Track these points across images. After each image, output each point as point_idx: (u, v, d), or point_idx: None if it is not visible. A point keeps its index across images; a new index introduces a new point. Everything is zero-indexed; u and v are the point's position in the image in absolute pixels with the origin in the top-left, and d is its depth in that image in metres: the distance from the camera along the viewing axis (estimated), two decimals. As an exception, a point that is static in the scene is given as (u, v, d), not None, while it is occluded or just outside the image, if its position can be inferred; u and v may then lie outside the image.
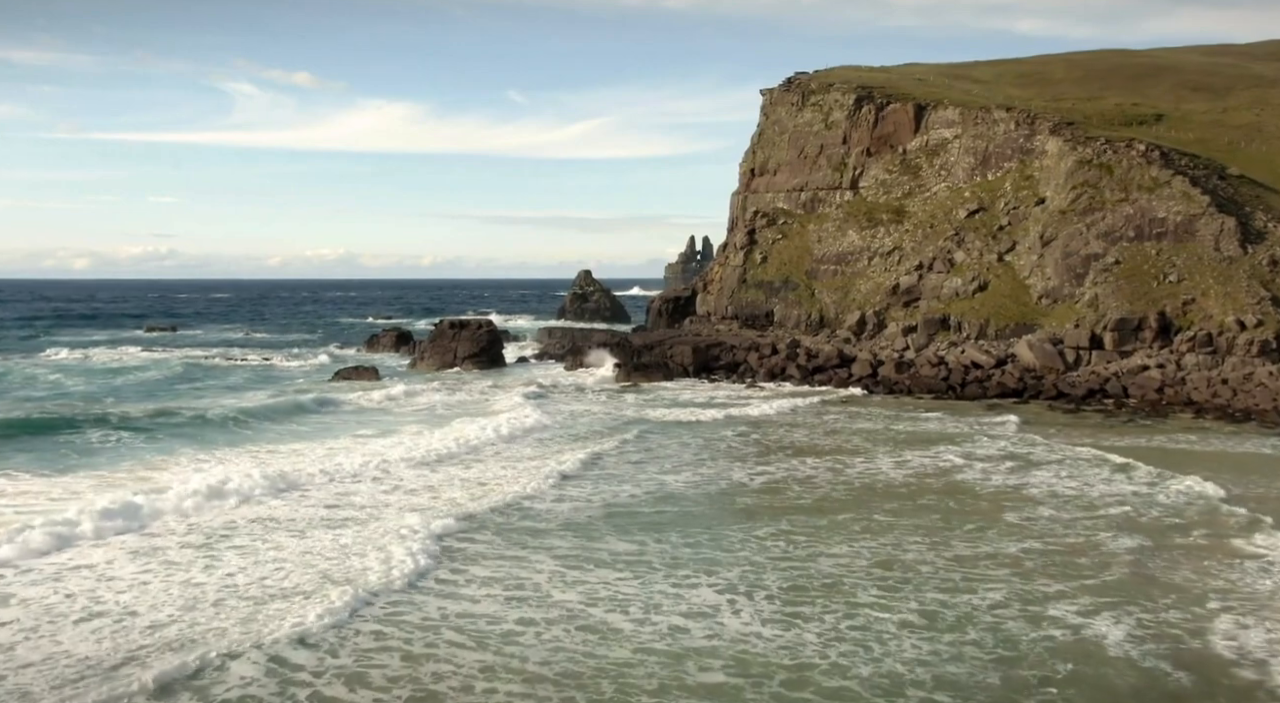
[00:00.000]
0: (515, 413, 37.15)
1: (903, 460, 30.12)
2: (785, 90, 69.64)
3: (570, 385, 48.75)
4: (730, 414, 39.24)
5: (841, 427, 37.01)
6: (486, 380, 50.61)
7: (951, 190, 58.72)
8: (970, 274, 52.50)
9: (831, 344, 53.84)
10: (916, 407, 42.16)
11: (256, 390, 44.47)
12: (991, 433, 35.18)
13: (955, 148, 60.23)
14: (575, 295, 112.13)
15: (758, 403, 42.40)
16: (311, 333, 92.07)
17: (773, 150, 69.09)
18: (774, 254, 64.82)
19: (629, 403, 42.32)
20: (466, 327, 60.23)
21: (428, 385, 47.22)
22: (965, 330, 50.64)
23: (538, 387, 47.24)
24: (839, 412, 40.45)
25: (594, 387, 47.94)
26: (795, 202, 66.71)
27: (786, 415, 39.24)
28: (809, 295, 61.42)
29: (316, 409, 37.85)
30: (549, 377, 52.96)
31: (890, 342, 52.51)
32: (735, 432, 35.44)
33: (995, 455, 31.01)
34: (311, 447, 30.61)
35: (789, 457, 31.00)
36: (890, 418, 39.19)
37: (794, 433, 35.56)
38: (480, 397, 43.72)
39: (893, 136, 63.47)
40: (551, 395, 44.80)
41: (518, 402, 40.55)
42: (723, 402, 43.19)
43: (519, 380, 50.61)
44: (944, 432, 35.66)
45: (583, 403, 42.04)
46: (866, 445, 32.79)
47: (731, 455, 31.18)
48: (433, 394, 44.28)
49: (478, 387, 47.29)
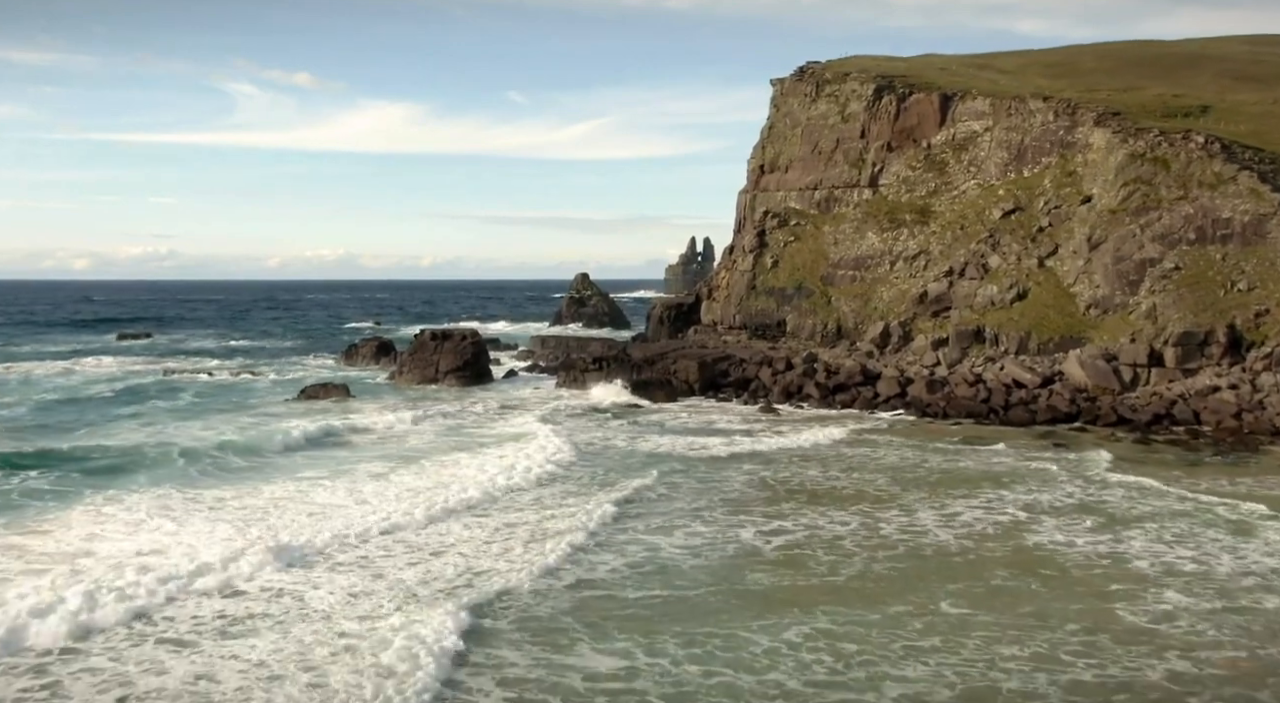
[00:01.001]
0: (478, 463, 31.80)
1: (950, 513, 24.74)
2: (798, 80, 64.28)
3: (558, 407, 43.36)
4: (738, 446, 33.86)
5: (865, 460, 31.66)
6: (467, 400, 45.20)
7: (983, 188, 53.32)
8: (1007, 281, 47.10)
9: (853, 359, 48.42)
10: (954, 435, 36.73)
11: (204, 416, 38.94)
12: (1051, 472, 29.76)
13: (986, 141, 54.82)
14: (572, 299, 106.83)
15: (773, 433, 37.01)
16: (293, 340, 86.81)
17: (784, 145, 63.71)
18: (786, 258, 59.45)
19: (620, 431, 36.86)
20: (449, 338, 54.88)
21: (397, 407, 41.81)
22: (1003, 344, 45.23)
23: (512, 409, 41.86)
24: (864, 439, 35.03)
25: (585, 410, 42.52)
26: (809, 201, 61.33)
27: (806, 449, 33.84)
28: (825, 303, 56.04)
29: (267, 445, 31.92)
30: (537, 396, 47.59)
31: (918, 356, 47.10)
32: (742, 470, 30.05)
33: (1066, 506, 25.59)
34: (245, 497, 25.24)
35: (806, 505, 25.66)
36: (923, 448, 33.82)
37: (808, 469, 30.22)
38: (449, 428, 38.16)
39: (916, 130, 58.08)
40: (525, 418, 39.40)
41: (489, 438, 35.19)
42: (732, 428, 37.79)
43: (501, 400, 45.21)
44: (991, 470, 30.26)
45: (565, 434, 36.44)
46: (900, 490, 27.38)
47: (738, 504, 25.77)
48: (402, 413, 38.86)
49: (453, 409, 41.79)
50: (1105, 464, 30.64)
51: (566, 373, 51.08)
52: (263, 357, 70.76)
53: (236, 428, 35.45)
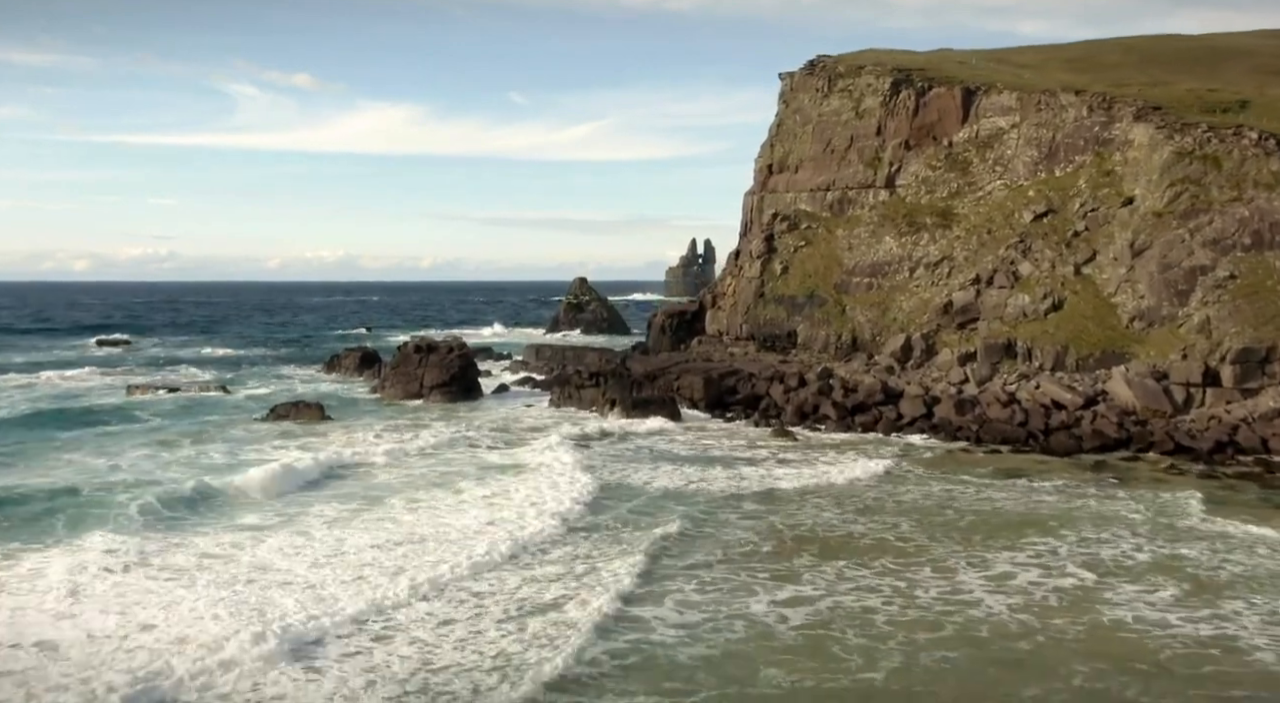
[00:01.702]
0: (442, 527, 27.88)
1: (998, 574, 20.95)
2: (808, 74, 60.33)
3: (546, 430, 39.46)
4: (746, 481, 29.97)
5: (885, 498, 27.84)
6: (451, 421, 41.32)
7: (1011, 189, 49.38)
8: (1041, 290, 43.17)
9: (872, 375, 44.51)
10: (988, 465, 32.84)
11: (156, 445, 34.75)
12: (1109, 514, 25.89)
13: (1013, 139, 50.90)
14: (570, 304, 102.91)
15: (785, 464, 33.14)
16: (277, 348, 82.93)
17: (794, 143, 59.80)
18: (796, 264, 55.54)
19: (613, 461, 32.92)
20: (435, 350, 51.01)
21: (369, 434, 37.91)
22: (1037, 359, 41.32)
23: (499, 434, 37.97)
24: (890, 471, 31.11)
25: (577, 434, 38.62)
26: (821, 202, 57.44)
27: (822, 484, 29.94)
28: (839, 313, 52.11)
29: (212, 489, 27.51)
30: (527, 416, 43.69)
31: (944, 372, 43.18)
32: (749, 512, 26.17)
33: (1139, 564, 21.72)
34: (172, 550, 21.33)
35: (823, 559, 21.90)
36: (954, 481, 30.00)
37: (824, 510, 26.40)
38: (424, 465, 34.15)
39: (936, 126, 54.17)
40: (513, 445, 35.56)
41: (461, 471, 31.26)
42: (739, 456, 33.87)
43: (488, 421, 41.31)
44: (1037, 511, 26.38)
45: (546, 467, 32.43)
46: (929, 539, 23.56)
47: (743, 559, 21.94)
48: (372, 444, 34.96)
49: (432, 438, 37.82)
50: (1176, 505, 26.72)
51: (560, 389, 47.18)
52: (242, 367, 66.90)
53: (186, 461, 31.52)
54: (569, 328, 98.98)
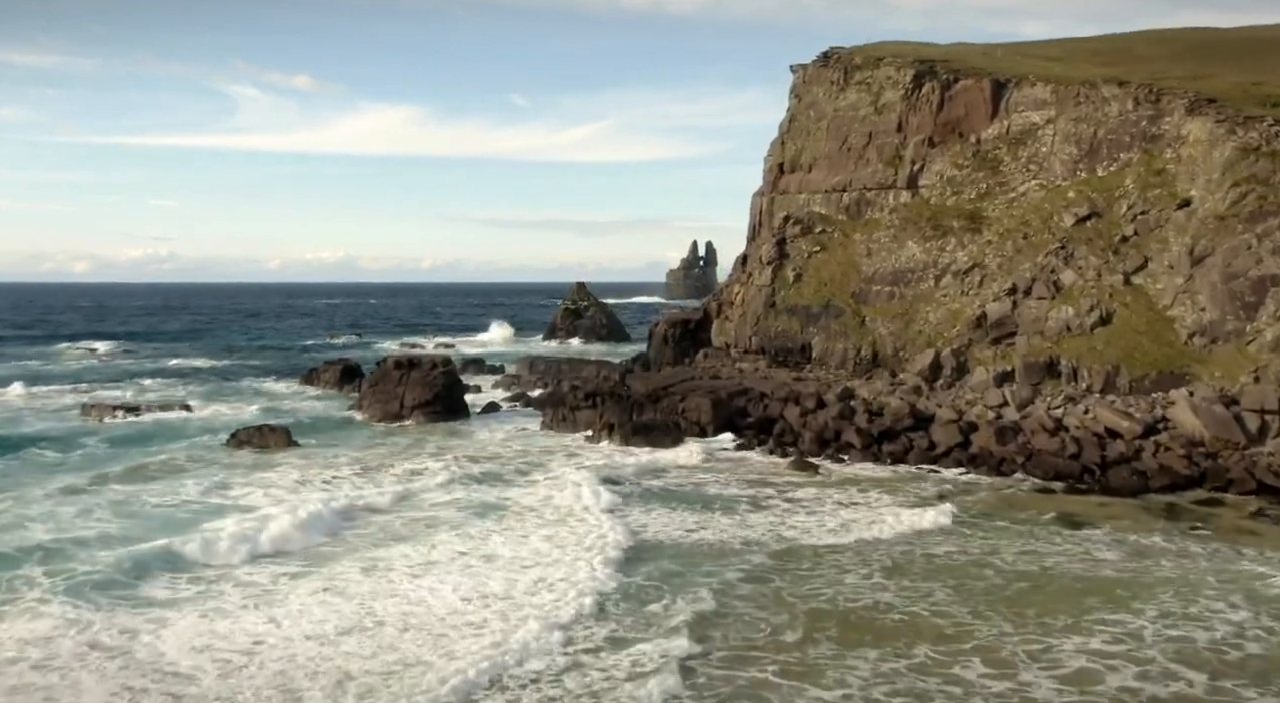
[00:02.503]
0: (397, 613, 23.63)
1: (1075, 672, 16.83)
2: (822, 66, 56.04)
3: (534, 458, 35.18)
4: (752, 529, 25.70)
5: (917, 550, 23.63)
6: (428, 450, 37.06)
7: (1048, 190, 45.08)
8: (1086, 302, 38.87)
9: (898, 395, 40.19)
10: (1041, 507, 28.54)
11: (82, 489, 29.95)
12: (1196, 579, 21.58)
13: (1049, 135, 46.59)
14: (567, 311, 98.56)
15: (798, 505, 28.85)
16: (259, 357, 78.59)
17: (807, 141, 55.51)
18: (810, 271, 51.26)
19: (600, 502, 28.56)
20: (417, 366, 46.73)
21: (339, 461, 33.64)
22: (1084, 379, 37.04)
23: (481, 465, 33.69)
24: (933, 526, 26.79)
25: (569, 465, 34.32)
26: (836, 205, 53.16)
27: (838, 532, 25.64)
28: (858, 325, 47.83)
29: (120, 564, 22.40)
30: (516, 441, 39.41)
31: (979, 393, 38.87)
32: (752, 573, 21.90)
33: (1255, 657, 17.43)
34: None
35: (850, 647, 17.72)
36: (998, 529, 25.78)
37: (846, 575, 22.10)
38: (382, 519, 29.83)
39: (963, 122, 49.88)
40: (494, 480, 31.29)
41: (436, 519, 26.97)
42: (747, 495, 29.54)
43: (470, 448, 37.03)
44: (1102, 574, 22.11)
45: (532, 513, 28.19)
46: (978, 614, 19.34)
47: (743, 645, 17.69)
48: (329, 485, 30.68)
49: (404, 466, 33.59)
50: (1271, 563, 22.44)
51: (553, 410, 42.88)
52: (216, 380, 62.63)
53: (112, 508, 27.15)
54: (566, 336, 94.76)
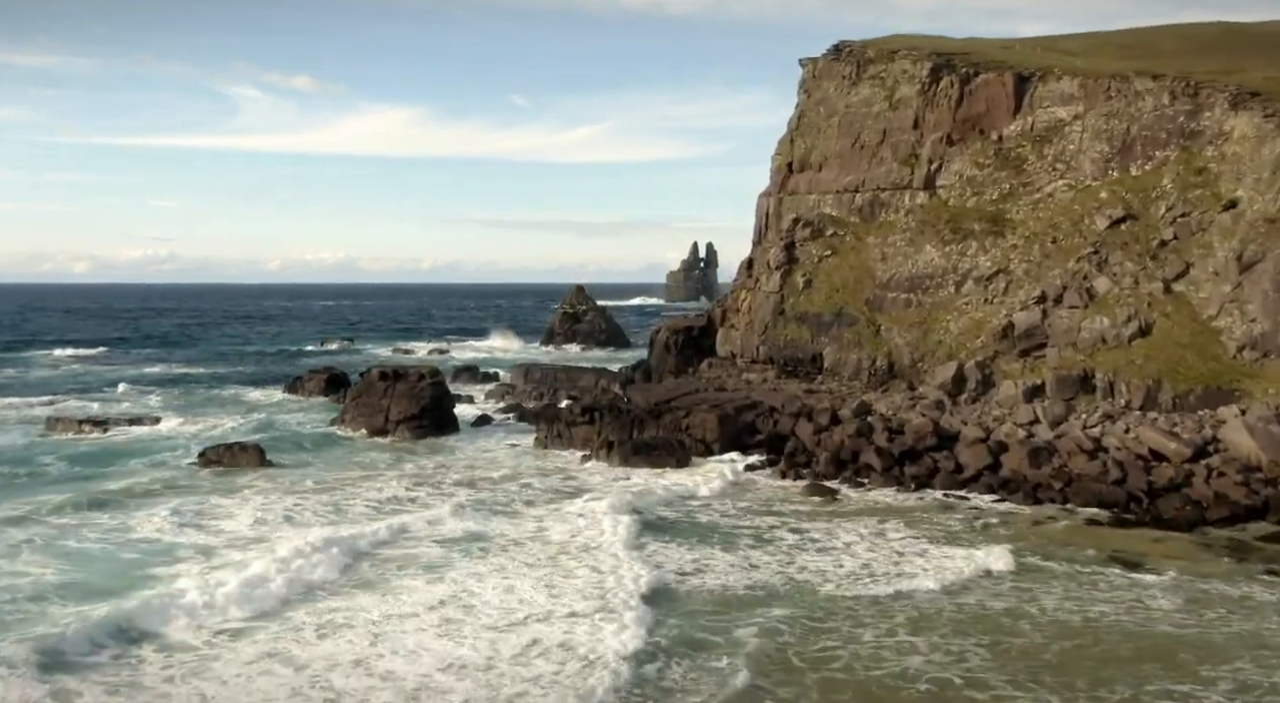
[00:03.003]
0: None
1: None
2: (834, 59, 53.13)
3: (524, 483, 32.28)
4: (760, 572, 22.81)
5: (945, 598, 20.74)
6: (410, 473, 34.17)
7: (1077, 190, 42.20)
8: (1123, 312, 35.99)
9: (918, 410, 37.29)
10: (1085, 542, 25.65)
11: (13, 524, 27.54)
12: (1274, 640, 18.74)
13: (1077, 132, 43.71)
14: (565, 315, 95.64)
15: (808, 540, 25.94)
16: (244, 364, 75.64)
17: (817, 138, 52.61)
18: (821, 276, 48.38)
19: (589, 535, 25.67)
20: (403, 378, 43.84)
21: (305, 486, 30.75)
22: (1122, 395, 34.16)
23: (467, 488, 30.79)
24: (970, 577, 23.87)
25: (563, 490, 31.42)
26: (848, 206, 50.26)
27: (867, 598, 22.75)
28: (873, 334, 44.95)
29: None
30: (506, 459, 36.52)
31: (1007, 409, 35.97)
32: (756, 628, 19.01)
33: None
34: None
35: None
36: (1036, 571, 22.92)
37: (861, 626, 19.22)
38: (357, 540, 26.93)
39: (983, 118, 46.99)
40: (477, 508, 28.37)
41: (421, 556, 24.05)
42: (755, 526, 26.63)
43: (455, 469, 34.13)
44: (1159, 630, 19.34)
45: (517, 548, 25.35)
46: (1018, 685, 16.66)
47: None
48: (303, 505, 27.78)
49: (384, 484, 30.71)
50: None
51: (549, 427, 39.97)
52: (196, 389, 59.73)
53: (46, 544, 24.23)
54: (564, 340, 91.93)
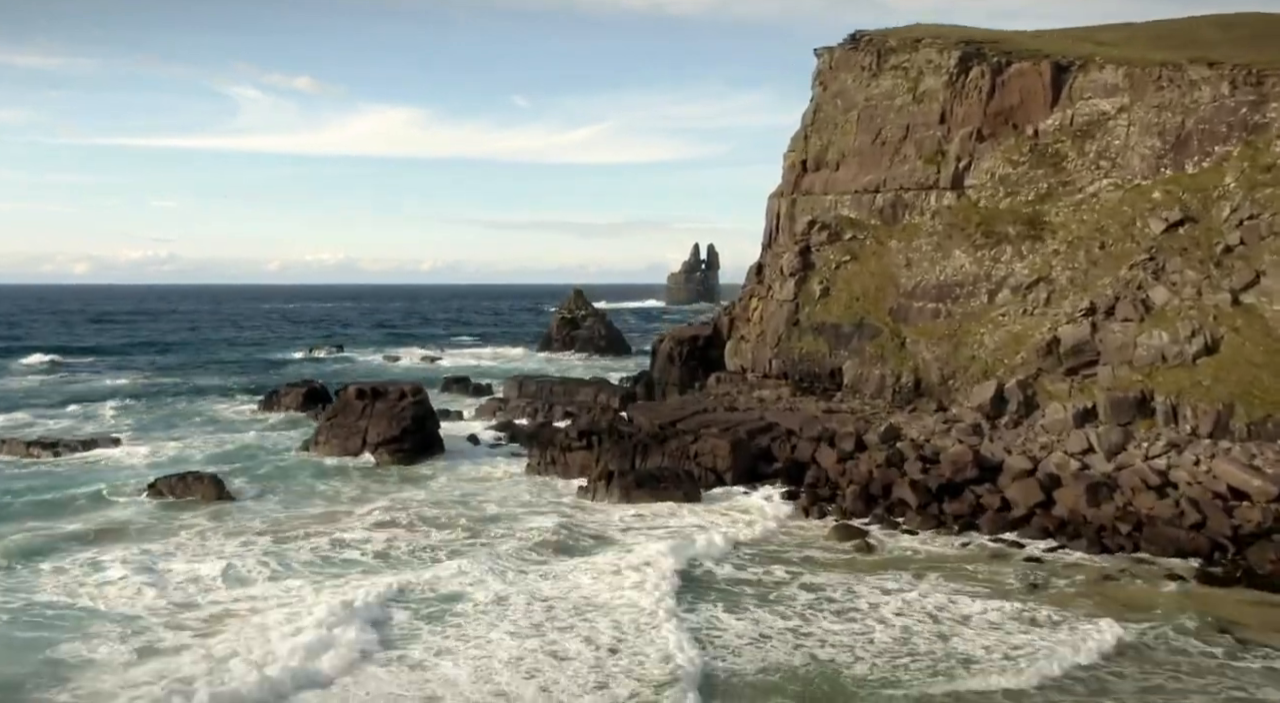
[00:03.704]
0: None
1: None
2: (852, 49, 49.25)
3: (509, 522, 28.37)
4: (771, 644, 18.90)
5: (1008, 664, 16.90)
6: (373, 505, 30.23)
7: (1125, 190, 38.33)
8: (1185, 326, 32.10)
9: (954, 435, 33.41)
10: (1169, 605, 21.82)
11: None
12: None
13: (1123, 126, 39.83)
14: (564, 320, 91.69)
15: (847, 611, 22.06)
16: (222, 374, 71.70)
17: (834, 134, 48.73)
18: (840, 283, 44.53)
19: (573, 598, 21.83)
20: (383, 397, 39.97)
21: (257, 526, 26.82)
22: (1187, 420, 30.25)
23: (432, 535, 26.85)
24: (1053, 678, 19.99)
25: (555, 532, 27.51)
26: (869, 207, 46.39)
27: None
28: (897, 348, 41.09)
29: None
30: (493, 490, 32.59)
31: (1055, 436, 32.05)
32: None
33: None
34: None
35: None
36: (1110, 652, 19.04)
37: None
38: (292, 607, 23.03)
39: (1017, 111, 43.12)
40: (450, 556, 24.42)
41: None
42: (777, 581, 22.74)
43: (431, 503, 30.20)
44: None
45: (482, 615, 21.50)
46: None
47: None
48: (244, 554, 23.86)
49: (347, 522, 26.79)
50: None
51: (542, 453, 36.06)
52: (170, 400, 55.90)
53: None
54: (562, 347, 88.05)
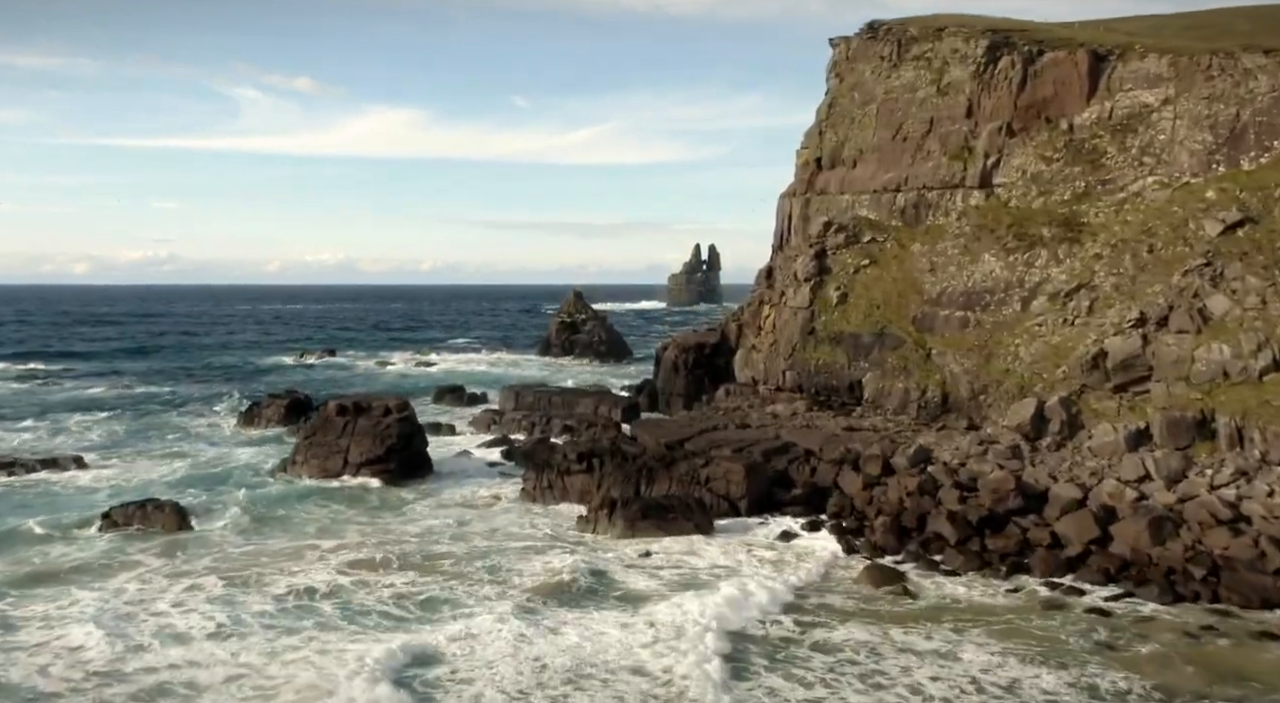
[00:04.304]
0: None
1: None
2: (870, 38, 46.15)
3: (499, 564, 25.26)
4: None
5: None
6: (345, 540, 27.10)
7: (1173, 188, 35.27)
8: (1250, 340, 29.00)
9: (991, 458, 30.31)
10: (1264, 671, 18.74)
11: None
12: None
13: (1168, 119, 36.75)
14: (563, 324, 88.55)
15: (873, 675, 18.99)
16: (204, 380, 68.58)
17: (851, 130, 45.64)
18: (858, 289, 41.47)
19: (566, 664, 18.75)
20: (365, 413, 36.89)
21: (203, 566, 23.71)
22: (1256, 444, 27.17)
23: (403, 577, 23.70)
24: None
25: (551, 572, 24.40)
26: (889, 208, 43.32)
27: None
28: (922, 360, 38.01)
29: None
30: (481, 520, 29.47)
31: (1106, 460, 28.94)
32: None
33: None
34: None
35: None
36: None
37: None
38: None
39: (1051, 104, 40.04)
40: (421, 609, 21.31)
41: None
42: (813, 639, 19.65)
43: (412, 531, 27.06)
44: None
45: (465, 687, 18.44)
46: None
47: None
48: (187, 605, 20.78)
49: (312, 560, 23.65)
50: None
51: (538, 475, 32.93)
52: (144, 413, 52.81)
53: None
54: (561, 352, 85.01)
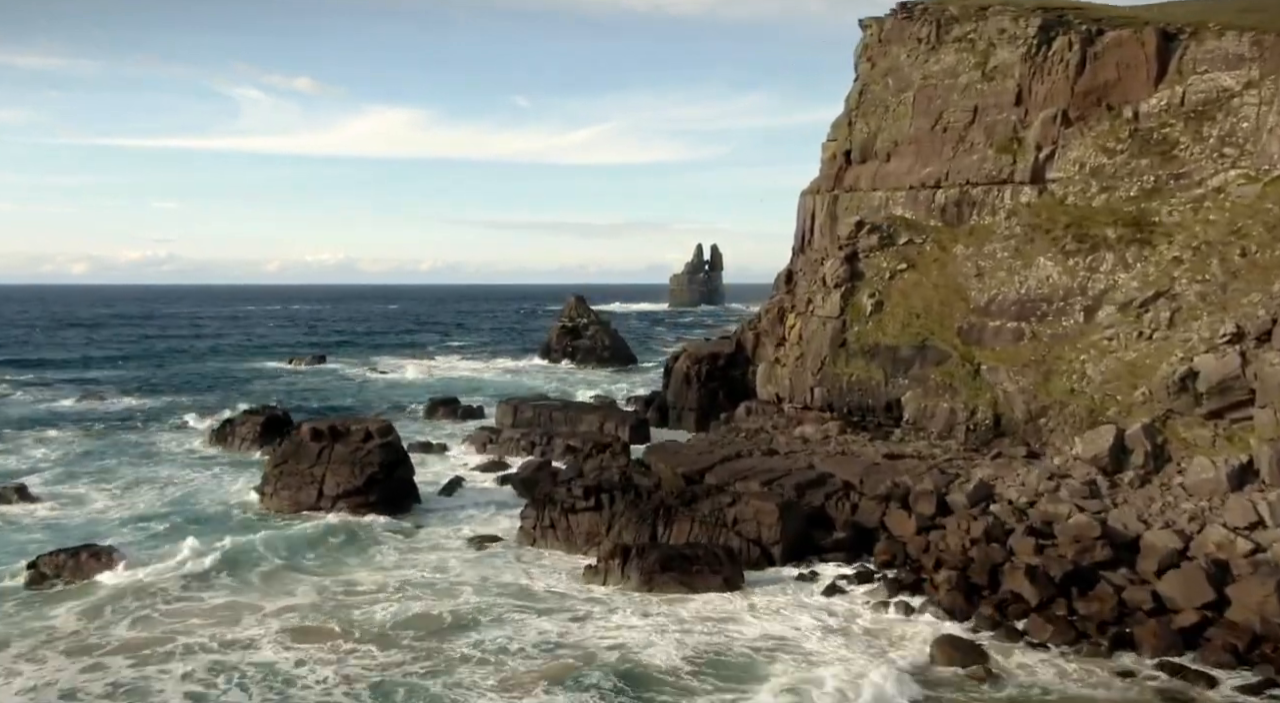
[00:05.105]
0: None
1: None
2: (905, 19, 41.85)
3: (483, 635, 20.96)
4: None
5: None
6: (294, 601, 22.80)
7: (1263, 183, 31.01)
8: (1373, 359, 24.76)
9: (1066, 496, 26.03)
10: None
11: None
12: None
13: (1253, 105, 32.51)
14: (564, 329, 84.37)
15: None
16: (183, 393, 64.25)
17: (885, 120, 41.36)
18: (895, 297, 37.21)
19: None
20: (344, 437, 32.63)
21: (115, 639, 19.43)
22: (1386, 487, 22.92)
23: (355, 663, 19.40)
24: None
25: (553, 651, 20.07)
26: (927, 205, 39.05)
27: None
28: (970, 377, 33.75)
29: None
30: (469, 569, 25.13)
31: (1204, 499, 24.69)
32: None
33: None
34: None
35: None
36: None
37: None
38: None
39: (1113, 89, 35.80)
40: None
41: None
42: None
43: (384, 588, 22.75)
44: None
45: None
46: None
47: None
48: None
49: (251, 642, 19.33)
50: None
51: (538, 514, 28.58)
52: (109, 431, 48.56)
53: None
54: (562, 357, 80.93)
